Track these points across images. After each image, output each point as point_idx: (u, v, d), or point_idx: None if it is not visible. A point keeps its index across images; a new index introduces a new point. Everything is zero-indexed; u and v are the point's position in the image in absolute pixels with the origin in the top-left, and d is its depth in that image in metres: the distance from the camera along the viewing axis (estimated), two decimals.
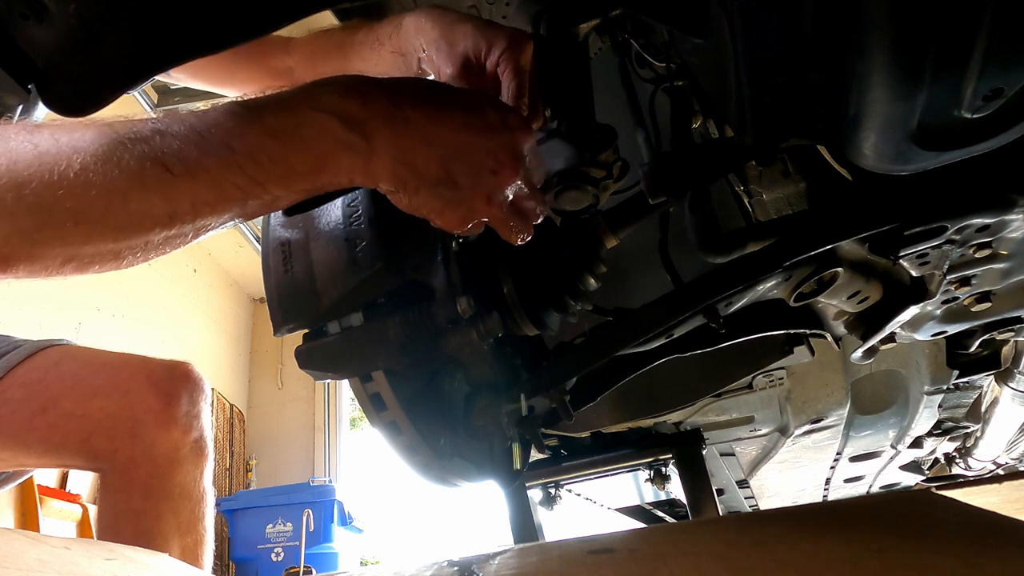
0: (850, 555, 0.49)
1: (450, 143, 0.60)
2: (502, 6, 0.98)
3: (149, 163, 0.53)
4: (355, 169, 0.59)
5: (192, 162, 0.54)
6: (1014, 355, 1.27)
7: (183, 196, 0.55)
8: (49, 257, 0.55)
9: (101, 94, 0.45)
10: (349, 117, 0.57)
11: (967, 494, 1.23)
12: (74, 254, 0.56)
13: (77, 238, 0.54)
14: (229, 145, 0.55)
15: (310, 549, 5.07)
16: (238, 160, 0.55)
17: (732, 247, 0.83)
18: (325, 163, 0.58)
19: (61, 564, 0.48)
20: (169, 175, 0.53)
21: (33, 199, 0.51)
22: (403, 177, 0.60)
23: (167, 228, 0.56)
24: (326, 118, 0.57)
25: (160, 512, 1.15)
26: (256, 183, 0.56)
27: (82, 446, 1.13)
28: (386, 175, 0.60)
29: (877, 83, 0.52)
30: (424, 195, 0.62)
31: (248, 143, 0.55)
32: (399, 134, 0.59)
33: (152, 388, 1.16)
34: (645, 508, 2.29)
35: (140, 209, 0.54)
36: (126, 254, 0.58)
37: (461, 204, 0.63)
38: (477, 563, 0.58)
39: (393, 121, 0.59)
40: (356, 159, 0.58)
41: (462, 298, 0.70)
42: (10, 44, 0.40)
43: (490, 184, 0.63)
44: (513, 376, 0.87)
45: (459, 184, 0.62)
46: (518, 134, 0.64)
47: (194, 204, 0.55)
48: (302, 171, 0.57)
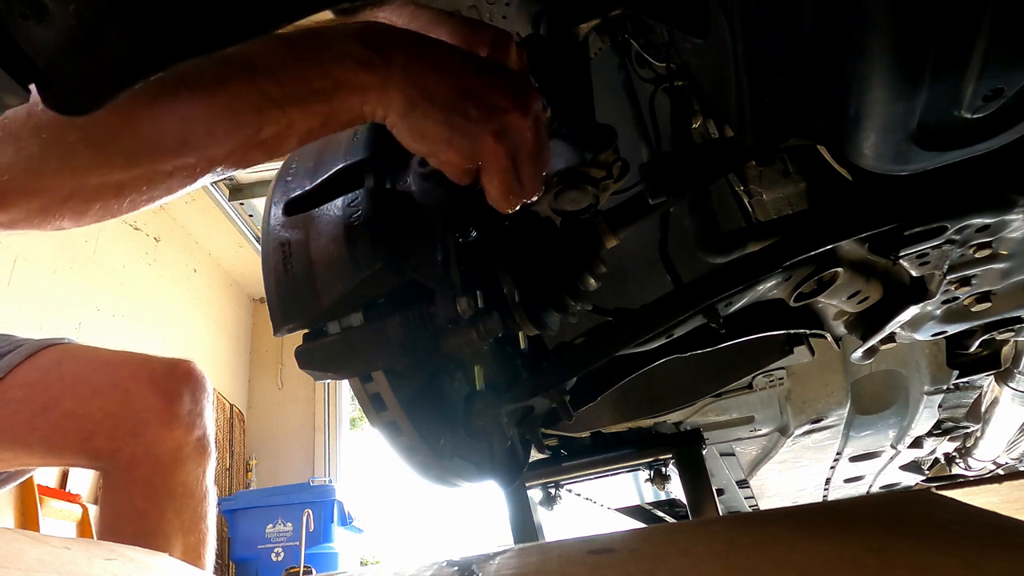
0: (850, 555, 0.49)
1: (464, 74, 0.62)
2: (502, 6, 0.98)
3: (168, 78, 0.52)
4: (370, 88, 0.60)
5: (212, 80, 0.54)
6: (1014, 355, 1.27)
7: (198, 116, 0.54)
8: (51, 190, 0.54)
9: (101, 94, 0.45)
10: (370, 39, 0.59)
11: (967, 494, 1.23)
12: (77, 186, 0.55)
13: (85, 162, 0.53)
14: (251, 62, 0.55)
15: (310, 549, 5.07)
16: (258, 80, 0.55)
17: (732, 247, 0.83)
18: (343, 81, 0.59)
19: (61, 564, 0.48)
20: (188, 92, 0.53)
21: (45, 116, 0.50)
22: (414, 99, 0.61)
23: (177, 155, 0.56)
24: (348, 40, 0.59)
25: (163, 511, 1.15)
26: (274, 103, 0.56)
27: (83, 445, 1.13)
28: (398, 95, 0.61)
29: (877, 83, 0.52)
30: (433, 119, 0.62)
31: (270, 61, 0.56)
32: (416, 57, 0.60)
33: (153, 387, 1.16)
34: (645, 508, 2.29)
35: (153, 131, 0.54)
36: (130, 189, 0.57)
37: (468, 134, 0.63)
38: (477, 563, 0.58)
39: (412, 45, 0.61)
40: (372, 77, 0.59)
41: (462, 298, 0.70)
42: (10, 44, 0.40)
43: (499, 120, 0.64)
44: (513, 376, 0.87)
45: (469, 114, 0.62)
46: (531, 88, 0.66)
47: (208, 127, 0.55)
48: (320, 90, 0.58)
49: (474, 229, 0.81)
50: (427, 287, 0.72)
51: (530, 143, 0.66)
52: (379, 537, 7.16)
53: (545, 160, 0.70)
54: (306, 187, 0.76)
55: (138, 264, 5.57)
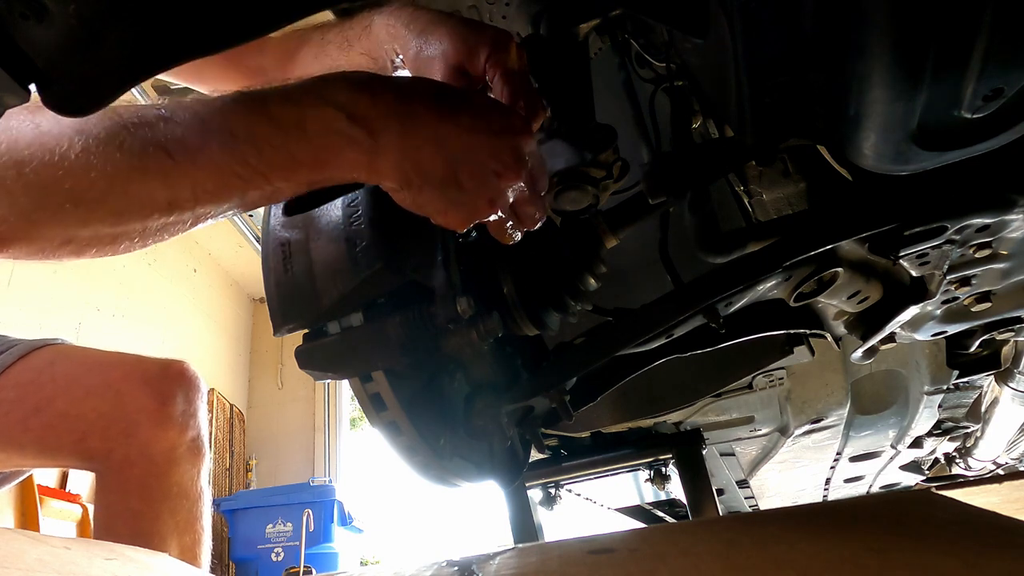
0: (850, 555, 0.49)
1: (457, 144, 0.60)
2: (502, 6, 0.98)
3: (151, 148, 0.52)
4: (359, 165, 0.59)
5: (194, 149, 0.54)
6: (1014, 355, 1.27)
7: (183, 183, 0.54)
8: (46, 238, 0.55)
9: (101, 94, 0.45)
10: (355, 112, 0.57)
11: (967, 494, 1.23)
12: (71, 236, 0.55)
13: (75, 220, 0.54)
14: (233, 133, 0.55)
15: (310, 549, 5.07)
16: (241, 149, 0.55)
17: (732, 247, 0.83)
18: (328, 157, 0.58)
19: (61, 564, 0.48)
20: (170, 161, 0.53)
21: (33, 178, 0.51)
22: (408, 176, 0.60)
23: (166, 214, 0.56)
24: (332, 112, 0.56)
25: (158, 512, 1.14)
26: (258, 173, 0.56)
27: (76, 446, 1.12)
28: (391, 173, 0.60)
29: (877, 83, 0.52)
30: (428, 194, 0.62)
31: (252, 132, 0.55)
32: (406, 132, 0.58)
33: (146, 387, 1.16)
34: (645, 508, 2.29)
35: (140, 194, 0.54)
36: (123, 239, 0.58)
37: (464, 205, 0.63)
38: (477, 563, 0.58)
39: (400, 119, 0.58)
40: (360, 155, 0.58)
41: (462, 298, 0.70)
42: (10, 44, 0.40)
43: (494, 186, 0.63)
44: (513, 376, 0.87)
45: (463, 185, 0.62)
46: (522, 137, 0.64)
47: (194, 191, 0.55)
48: (305, 163, 0.57)
49: (474, 229, 0.81)
50: (427, 287, 0.72)
51: (526, 194, 0.66)
52: (379, 537, 7.16)
53: (543, 189, 0.69)
54: None
55: (138, 264, 5.57)
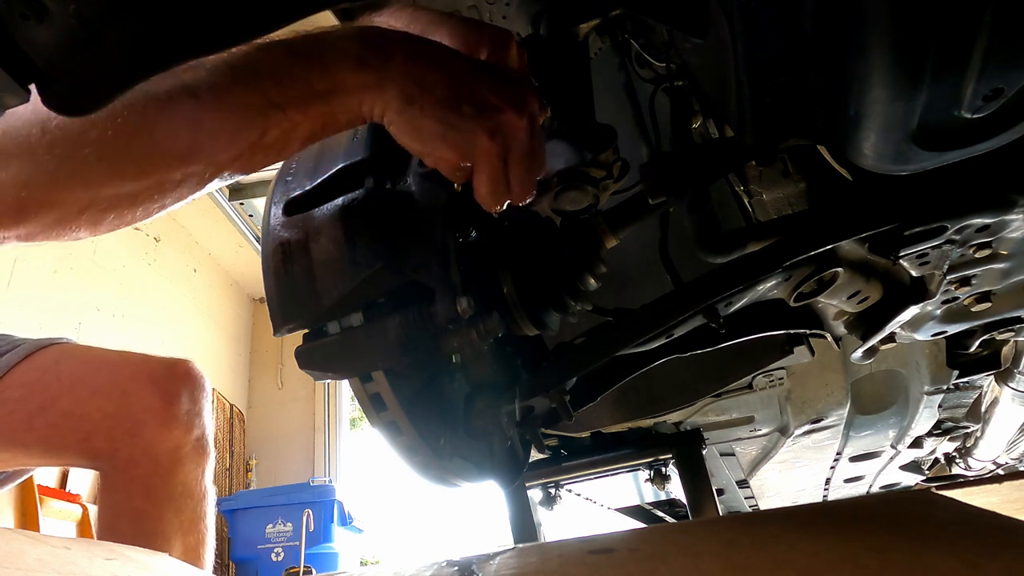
0: (850, 555, 0.49)
1: (461, 72, 0.63)
2: (502, 6, 0.98)
3: (177, 90, 0.54)
4: (368, 86, 0.61)
5: (218, 86, 0.56)
6: (1014, 355, 1.27)
7: (206, 123, 0.56)
8: (68, 202, 0.56)
9: (101, 94, 0.45)
10: (369, 39, 0.61)
11: (967, 494, 1.23)
12: (93, 198, 0.56)
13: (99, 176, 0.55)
14: (256, 68, 0.58)
15: (310, 549, 5.07)
16: (263, 85, 0.58)
17: (732, 247, 0.83)
18: (343, 82, 0.60)
19: (61, 564, 0.48)
20: (195, 101, 0.55)
21: (58, 133, 0.52)
22: (411, 95, 0.62)
23: (185, 164, 0.58)
24: (347, 42, 0.61)
25: (162, 511, 1.14)
26: (276, 107, 0.59)
27: (81, 446, 1.12)
28: (395, 92, 0.62)
29: (877, 83, 0.52)
30: (429, 116, 0.63)
31: (273, 66, 0.58)
32: (413, 55, 0.62)
33: (152, 387, 1.16)
34: (645, 508, 2.29)
35: (163, 140, 0.55)
36: (143, 199, 0.59)
37: (463, 131, 0.64)
38: (477, 563, 0.58)
39: (408, 46, 0.63)
40: (371, 76, 0.61)
41: (462, 298, 0.70)
42: (10, 44, 0.40)
43: (494, 119, 0.64)
44: (513, 376, 0.87)
45: (464, 112, 0.63)
46: (527, 89, 0.66)
47: (215, 133, 0.57)
48: (321, 92, 0.60)
49: (474, 229, 0.81)
50: (427, 287, 0.72)
51: (523, 144, 0.66)
52: (379, 537, 7.16)
53: (538, 165, 0.70)
54: (306, 187, 0.76)
55: (138, 264, 5.57)
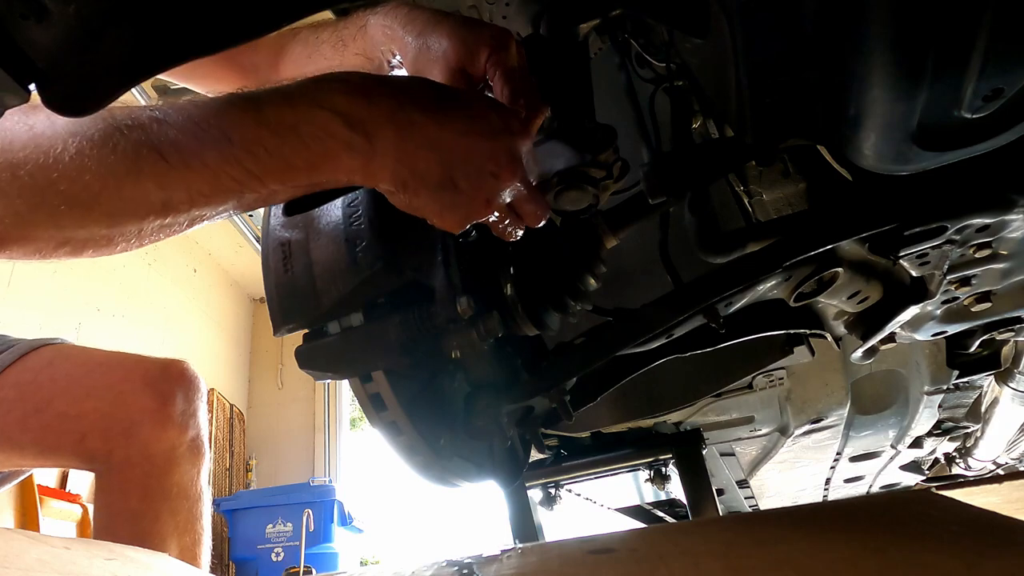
0: (850, 555, 0.49)
1: (452, 147, 0.60)
2: (502, 6, 0.98)
3: (145, 150, 0.52)
4: (355, 169, 0.59)
5: (189, 152, 0.54)
6: (1014, 355, 1.27)
7: (178, 185, 0.54)
8: (42, 239, 0.55)
9: (101, 94, 0.45)
10: (352, 117, 0.57)
11: (967, 494, 1.23)
12: (67, 237, 0.56)
13: (70, 222, 0.54)
14: (228, 137, 0.54)
15: (310, 549, 5.07)
16: (236, 153, 0.54)
17: (732, 247, 0.83)
18: (324, 161, 0.57)
19: (61, 564, 0.48)
20: (165, 164, 0.53)
21: (27, 180, 0.51)
22: (404, 179, 0.60)
23: (161, 216, 0.56)
24: (328, 116, 0.56)
25: (158, 512, 1.14)
26: (253, 177, 0.56)
27: (76, 447, 1.12)
28: (387, 176, 0.60)
29: (877, 83, 0.52)
30: (424, 197, 0.62)
31: (246, 136, 0.55)
32: (402, 136, 0.58)
33: (147, 387, 1.16)
34: (645, 508, 2.29)
35: (134, 196, 0.54)
36: (119, 240, 0.58)
37: (461, 206, 0.63)
38: (477, 563, 0.58)
39: (397, 123, 0.58)
40: (357, 159, 0.58)
41: (462, 298, 0.70)
42: (10, 44, 0.40)
43: (490, 187, 0.63)
44: (513, 376, 0.87)
45: (459, 187, 0.62)
46: (519, 138, 0.64)
47: (189, 194, 0.55)
48: (300, 167, 0.57)
49: (474, 229, 0.81)
50: (427, 287, 0.72)
51: (522, 191, 0.66)
52: (379, 537, 7.16)
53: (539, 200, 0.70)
54: None
55: (138, 264, 5.56)
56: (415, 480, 0.79)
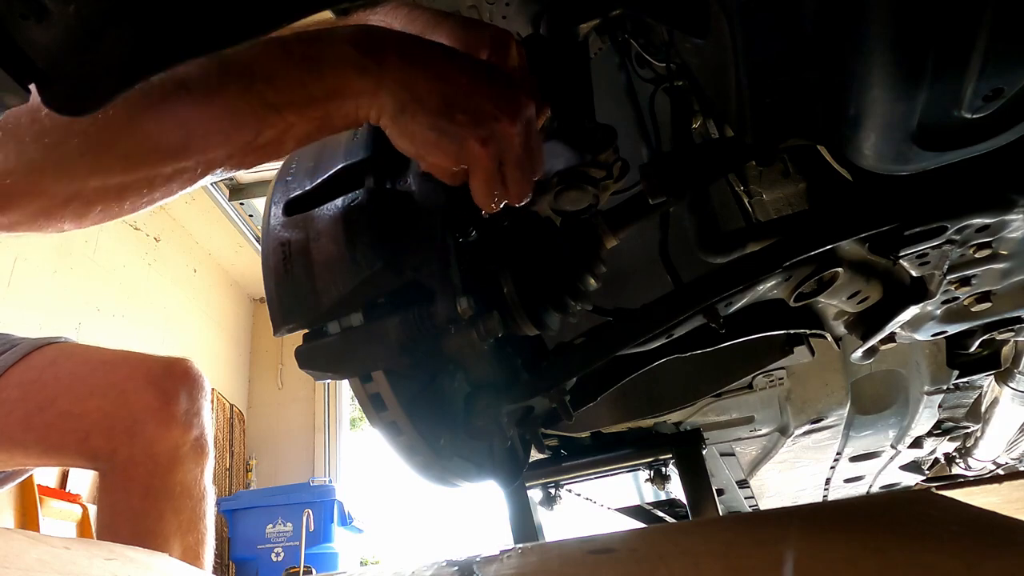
0: (850, 555, 0.49)
1: (456, 80, 0.62)
2: (502, 6, 0.98)
3: (169, 84, 0.53)
4: (364, 92, 0.61)
5: (211, 84, 0.55)
6: (1014, 355, 1.27)
7: (198, 121, 0.55)
8: (51, 192, 0.55)
9: (101, 94, 0.45)
10: (365, 45, 0.60)
11: (967, 494, 1.23)
12: (78, 189, 0.56)
13: (83, 168, 0.54)
14: (250, 68, 0.56)
15: (310, 549, 5.07)
16: (258, 86, 0.56)
17: (732, 247, 0.83)
18: (339, 86, 0.60)
19: (61, 564, 0.48)
20: (187, 97, 0.54)
21: (47, 121, 0.51)
22: (405, 102, 0.62)
23: (176, 159, 0.57)
24: (344, 46, 0.60)
25: (161, 511, 1.14)
26: (272, 108, 0.58)
27: (80, 446, 1.12)
28: (390, 99, 0.62)
29: (877, 83, 0.52)
30: (421, 122, 0.63)
31: (269, 67, 0.57)
32: (410, 62, 0.61)
33: (150, 386, 1.16)
34: (645, 508, 2.29)
35: (152, 133, 0.54)
36: (130, 192, 0.58)
37: (455, 139, 0.64)
38: (477, 563, 0.58)
39: (405, 52, 0.62)
40: (366, 82, 0.60)
41: (462, 298, 0.70)
42: (10, 44, 0.40)
43: (488, 127, 0.64)
44: (513, 376, 0.87)
45: (457, 120, 0.63)
46: (523, 96, 0.66)
47: (207, 131, 0.56)
48: (318, 95, 0.59)
49: (474, 229, 0.81)
50: (427, 287, 0.72)
51: (517, 149, 0.66)
52: (379, 537, 7.16)
53: (535, 167, 0.70)
54: (306, 187, 0.76)
55: (138, 264, 5.56)
56: (415, 480, 0.79)
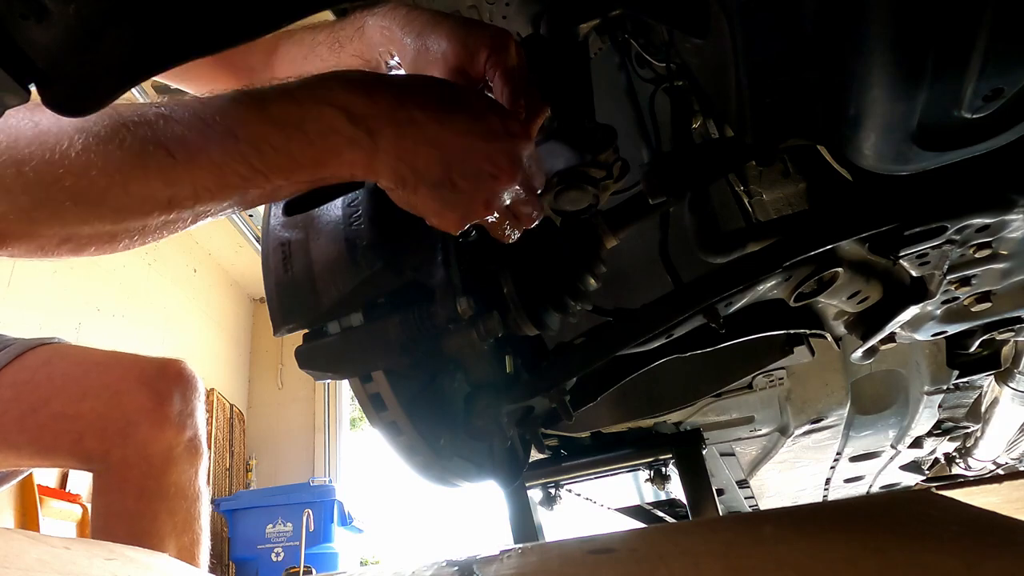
0: (850, 555, 0.49)
1: (453, 146, 0.61)
2: (502, 6, 0.98)
3: (152, 147, 0.53)
4: (357, 164, 0.59)
5: (195, 148, 0.54)
6: (1014, 355, 1.27)
7: (184, 181, 0.55)
8: (45, 236, 0.55)
9: (101, 94, 0.45)
10: (354, 113, 0.57)
11: (967, 494, 1.23)
12: (71, 234, 0.56)
13: (75, 218, 0.54)
14: (233, 133, 0.55)
15: (310, 549, 5.07)
16: (241, 149, 0.55)
17: (732, 247, 0.83)
18: (328, 157, 0.58)
19: (61, 564, 0.48)
20: (171, 159, 0.54)
21: (33, 176, 0.51)
22: (404, 176, 0.61)
23: (166, 212, 0.56)
24: (332, 112, 0.57)
25: (156, 512, 1.14)
26: (258, 172, 0.56)
27: (73, 447, 1.12)
28: (387, 172, 0.60)
29: (877, 83, 0.52)
30: (423, 195, 0.62)
31: (252, 132, 0.55)
32: (403, 134, 0.59)
33: (144, 387, 1.16)
34: (645, 508, 2.29)
35: (140, 192, 0.54)
36: (123, 237, 0.58)
37: (459, 206, 0.63)
38: (477, 563, 0.58)
39: (398, 120, 0.59)
40: (359, 154, 0.59)
41: (462, 298, 0.70)
42: (10, 44, 0.40)
43: (489, 188, 0.63)
44: (513, 376, 0.87)
45: (458, 187, 0.62)
46: (519, 141, 0.65)
47: (195, 190, 0.56)
48: (305, 163, 0.58)
49: (474, 229, 0.81)
50: (427, 287, 0.72)
51: (521, 195, 0.66)
52: (379, 537, 7.16)
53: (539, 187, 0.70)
54: None
55: (138, 264, 5.57)
56: (415, 480, 0.79)
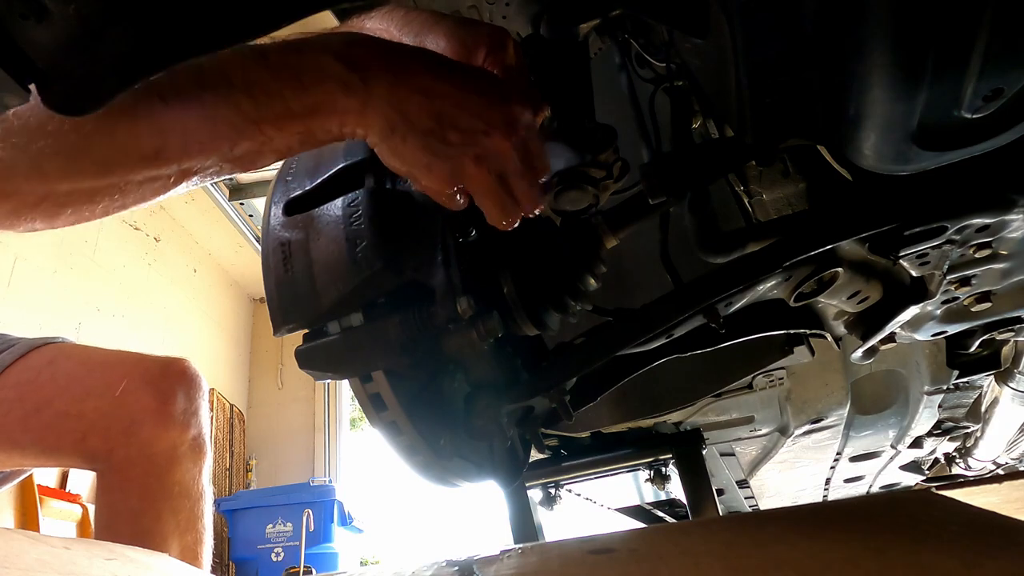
0: (850, 555, 0.49)
1: (445, 97, 0.60)
2: (502, 6, 0.98)
3: (143, 92, 0.51)
4: (349, 111, 0.59)
5: (187, 93, 0.53)
6: (1014, 355, 1.27)
7: (173, 130, 0.54)
8: (23, 193, 0.54)
9: (101, 94, 0.45)
10: (351, 59, 0.58)
11: (967, 494, 1.23)
12: (49, 191, 0.54)
13: (55, 171, 0.53)
14: (228, 79, 0.54)
15: (310, 549, 5.07)
16: (236, 97, 0.54)
17: (732, 247, 0.83)
18: (322, 103, 0.58)
19: (61, 564, 0.48)
20: (162, 104, 0.52)
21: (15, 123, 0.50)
22: (394, 122, 0.60)
23: (150, 166, 0.55)
24: (328, 59, 0.57)
25: (159, 511, 1.14)
26: (251, 121, 0.56)
27: (77, 446, 1.12)
28: (378, 120, 0.60)
29: (877, 83, 0.52)
30: (412, 144, 0.61)
31: (247, 78, 0.55)
32: (397, 80, 0.59)
33: (147, 386, 1.16)
34: (645, 508, 2.29)
35: (126, 140, 0.53)
36: (102, 196, 0.57)
37: (448, 159, 0.62)
38: (477, 563, 0.58)
39: (393, 68, 0.59)
40: (352, 100, 0.58)
41: (462, 298, 0.70)
42: (10, 44, 0.40)
43: (480, 145, 0.63)
44: (513, 376, 0.87)
45: (448, 139, 0.61)
46: (515, 106, 0.64)
47: (184, 140, 0.54)
48: (298, 111, 0.57)
49: (474, 229, 0.81)
50: (427, 287, 0.72)
51: (515, 161, 0.65)
52: (379, 537, 7.16)
53: (540, 170, 0.68)
54: (306, 187, 0.76)
55: (138, 264, 5.57)
56: (415, 480, 0.79)
